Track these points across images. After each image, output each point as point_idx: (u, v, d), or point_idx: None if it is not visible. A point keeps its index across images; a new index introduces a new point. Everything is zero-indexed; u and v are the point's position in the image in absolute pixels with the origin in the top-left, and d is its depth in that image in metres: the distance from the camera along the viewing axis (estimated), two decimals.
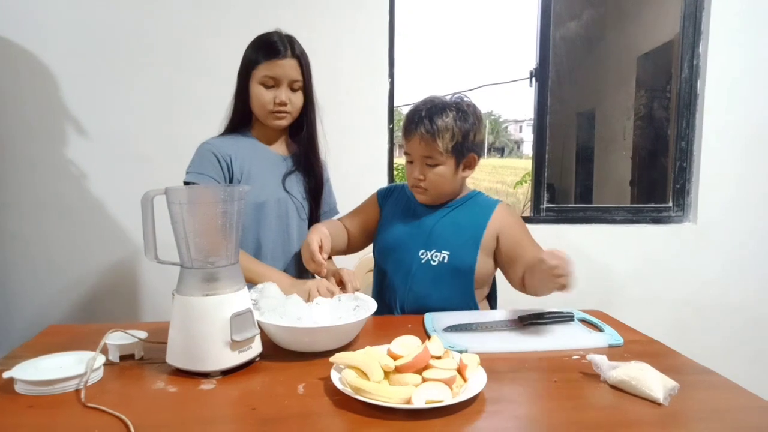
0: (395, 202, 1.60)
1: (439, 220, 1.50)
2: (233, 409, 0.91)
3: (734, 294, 2.55)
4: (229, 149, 1.48)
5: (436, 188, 1.46)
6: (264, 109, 1.47)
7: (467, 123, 1.41)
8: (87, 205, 2.23)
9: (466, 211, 1.51)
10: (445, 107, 1.41)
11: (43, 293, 2.23)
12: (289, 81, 1.46)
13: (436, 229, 1.48)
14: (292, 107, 1.48)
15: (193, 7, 2.20)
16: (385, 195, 1.64)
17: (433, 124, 1.38)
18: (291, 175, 1.57)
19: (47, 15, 2.13)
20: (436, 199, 1.50)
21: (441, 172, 1.43)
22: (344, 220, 1.63)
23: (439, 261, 1.46)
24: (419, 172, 1.44)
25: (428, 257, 1.47)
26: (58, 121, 2.18)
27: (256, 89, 1.46)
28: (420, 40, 53.90)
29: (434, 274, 1.46)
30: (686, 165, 2.57)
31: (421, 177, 1.44)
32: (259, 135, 1.56)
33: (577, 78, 4.30)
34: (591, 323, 1.34)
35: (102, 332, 1.10)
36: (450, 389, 0.90)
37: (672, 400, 0.92)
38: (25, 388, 0.94)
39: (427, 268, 1.47)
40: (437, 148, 1.39)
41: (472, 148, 1.44)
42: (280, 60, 1.44)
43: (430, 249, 1.47)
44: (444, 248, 1.46)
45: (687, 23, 2.52)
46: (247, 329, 1.04)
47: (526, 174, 4.73)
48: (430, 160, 1.42)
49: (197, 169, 1.45)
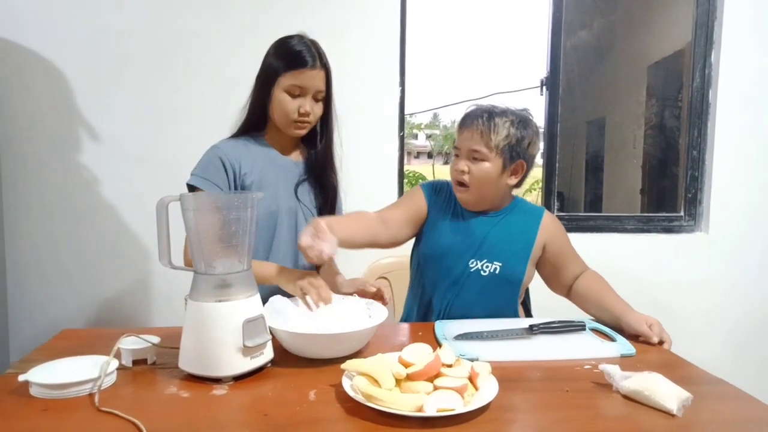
0: (443, 203, 1.54)
1: (491, 230, 1.48)
2: (245, 415, 0.92)
3: (746, 304, 2.53)
4: (240, 155, 1.45)
5: (479, 187, 1.44)
6: (287, 118, 1.44)
7: (525, 130, 1.43)
8: (98, 209, 2.24)
9: (514, 220, 1.50)
10: (508, 111, 1.44)
11: (54, 297, 2.24)
12: (315, 92, 1.44)
13: (488, 238, 1.47)
14: (313, 117, 1.47)
15: (204, 11, 2.21)
16: (432, 191, 1.57)
17: (492, 120, 1.40)
18: (303, 183, 1.55)
19: (58, 19, 2.16)
20: (477, 200, 1.48)
21: (486, 169, 1.42)
22: (383, 212, 1.52)
23: (489, 272, 1.45)
24: (464, 164, 1.43)
25: (478, 267, 1.45)
26: (69, 124, 2.20)
27: (281, 96, 1.43)
28: (431, 49, 54.03)
29: (483, 285, 1.45)
30: (698, 174, 2.56)
31: (465, 169, 1.43)
32: (273, 140, 1.53)
33: (588, 86, 4.30)
34: (603, 333, 1.33)
35: (115, 337, 1.10)
36: (461, 397, 0.90)
37: (686, 411, 0.92)
38: (40, 391, 0.94)
39: (477, 277, 1.45)
40: (489, 143, 1.39)
41: (523, 155, 1.44)
42: (310, 71, 1.41)
43: (482, 259, 1.45)
44: (496, 259, 1.45)
45: (699, 32, 2.51)
46: (259, 335, 1.05)
47: (535, 182, 4.72)
48: (478, 155, 1.42)
49: (202, 174, 1.42)
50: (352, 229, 1.38)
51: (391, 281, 2.01)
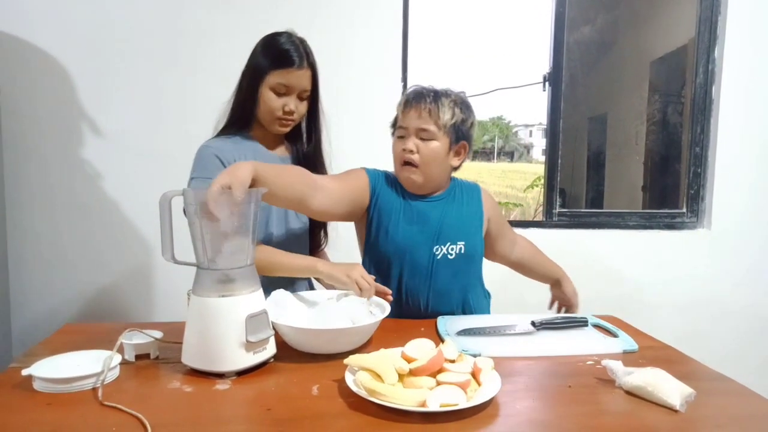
0: (389, 196, 1.48)
1: (444, 211, 1.48)
2: (248, 410, 0.92)
3: (748, 300, 2.53)
4: (231, 150, 1.44)
5: (427, 166, 1.42)
6: (271, 115, 1.45)
7: (467, 111, 1.46)
8: (101, 204, 2.24)
9: (461, 198, 1.53)
10: (450, 92, 1.46)
11: (57, 291, 2.25)
12: (300, 91, 1.45)
13: (445, 221, 1.47)
14: (297, 115, 1.48)
15: (207, 7, 2.21)
16: (375, 177, 1.50)
17: (438, 100, 1.41)
18: None
19: (62, 15, 2.16)
20: (425, 181, 1.45)
21: (435, 148, 1.42)
22: (322, 178, 1.41)
23: (456, 253, 1.46)
24: (413, 144, 1.42)
25: (444, 251, 1.46)
26: (72, 119, 2.20)
27: (267, 94, 1.43)
28: (433, 44, 54.06)
29: (454, 268, 1.46)
30: (700, 171, 2.55)
31: (414, 148, 1.41)
32: (260, 137, 1.53)
33: (590, 82, 4.29)
34: (605, 329, 1.34)
35: (118, 331, 1.11)
36: (464, 393, 0.90)
37: (688, 407, 0.92)
38: (43, 385, 0.95)
39: (445, 262, 1.45)
40: (438, 121, 1.40)
41: (466, 135, 1.46)
42: (297, 70, 1.42)
43: (444, 243, 1.45)
44: (458, 239, 1.47)
45: (702, 28, 2.50)
46: (261, 330, 1.05)
47: (537, 178, 4.71)
48: (426, 134, 1.41)
49: (204, 174, 1.39)
50: (280, 181, 1.22)
51: None
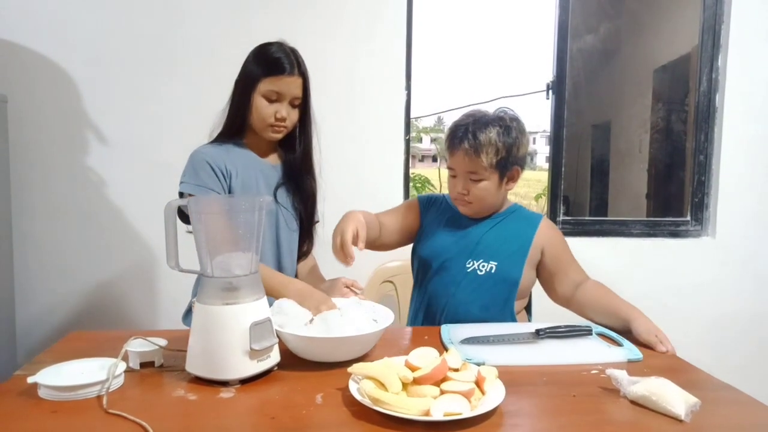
0: (438, 212, 1.60)
1: (486, 231, 1.51)
2: (252, 418, 0.92)
3: (753, 309, 2.51)
4: (223, 157, 1.47)
5: (480, 202, 1.48)
6: (264, 122, 1.47)
7: (510, 137, 1.43)
8: (105, 212, 2.25)
9: (511, 223, 1.53)
10: (489, 122, 1.43)
11: (62, 299, 2.25)
12: (291, 98, 1.47)
13: (483, 239, 1.50)
14: (289, 122, 1.50)
15: (212, 15, 2.23)
16: (427, 204, 1.62)
17: (477, 139, 1.40)
18: (282, 186, 1.57)
19: (66, 23, 2.17)
20: (479, 211, 1.52)
21: (485, 187, 1.45)
22: (380, 216, 1.57)
23: (485, 271, 1.47)
24: (462, 186, 1.46)
25: (475, 267, 1.48)
26: (76, 127, 2.22)
27: (259, 101, 1.46)
28: (436, 52, 54.20)
29: (479, 283, 1.47)
30: (705, 179, 2.55)
31: (465, 192, 1.46)
32: (252, 144, 1.55)
33: (594, 90, 4.30)
34: (609, 337, 1.33)
35: (123, 339, 1.11)
36: (468, 402, 0.90)
37: (694, 417, 0.91)
38: (48, 393, 0.95)
39: (473, 277, 1.48)
40: (481, 163, 1.41)
41: (515, 161, 1.46)
42: (287, 77, 1.44)
43: (477, 259, 1.48)
44: (492, 258, 1.48)
45: (706, 36, 2.50)
46: (265, 338, 1.05)
47: (544, 189, 4.72)
48: (474, 176, 1.44)
49: (194, 180, 1.43)
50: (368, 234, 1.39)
51: (396, 285, 2.01)
